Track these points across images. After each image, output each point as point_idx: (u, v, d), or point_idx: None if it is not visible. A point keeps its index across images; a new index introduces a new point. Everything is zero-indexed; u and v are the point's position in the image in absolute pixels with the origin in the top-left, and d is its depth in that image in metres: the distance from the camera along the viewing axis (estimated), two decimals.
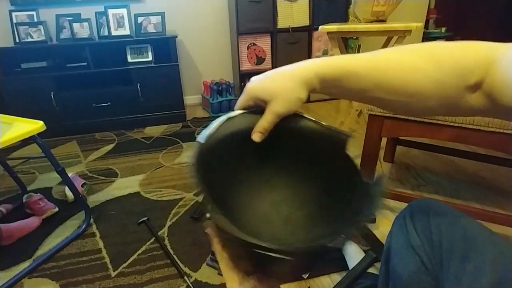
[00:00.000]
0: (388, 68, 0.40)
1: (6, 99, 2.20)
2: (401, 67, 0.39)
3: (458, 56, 0.37)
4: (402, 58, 0.40)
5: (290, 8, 2.58)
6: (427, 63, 0.38)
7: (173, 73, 2.40)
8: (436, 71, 0.37)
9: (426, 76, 0.38)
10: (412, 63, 0.39)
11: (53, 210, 1.42)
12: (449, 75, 0.37)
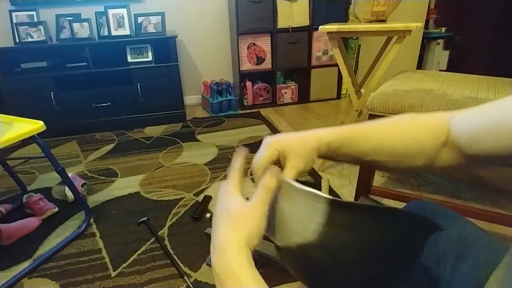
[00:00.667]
0: (382, 134, 0.48)
1: (6, 99, 2.20)
2: (393, 133, 0.48)
3: (431, 119, 0.47)
4: (392, 126, 0.49)
5: (290, 8, 2.58)
6: (412, 127, 0.47)
7: (173, 73, 2.41)
8: (419, 134, 0.46)
9: (413, 139, 0.46)
10: (401, 129, 0.48)
11: (53, 210, 1.42)
12: (428, 136, 0.45)
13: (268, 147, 0.46)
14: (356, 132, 0.49)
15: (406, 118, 0.49)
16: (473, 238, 0.52)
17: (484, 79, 1.18)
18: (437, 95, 1.01)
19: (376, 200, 1.31)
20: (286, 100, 2.89)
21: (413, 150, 0.46)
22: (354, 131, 0.49)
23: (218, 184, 1.61)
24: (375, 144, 0.48)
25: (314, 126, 2.35)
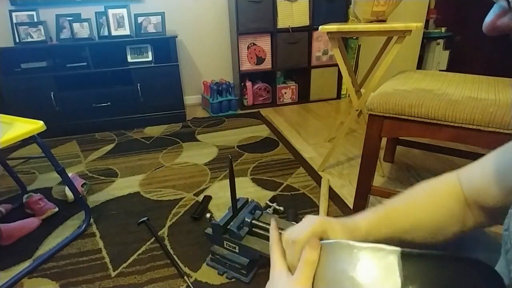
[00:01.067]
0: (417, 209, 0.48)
1: (6, 99, 2.20)
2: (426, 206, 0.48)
3: (445, 184, 0.48)
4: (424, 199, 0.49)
5: (290, 8, 2.58)
6: (437, 196, 0.48)
7: (173, 73, 2.41)
8: (447, 201, 0.46)
9: (444, 207, 0.46)
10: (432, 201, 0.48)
11: (53, 210, 1.42)
12: (454, 200, 0.45)
13: (316, 223, 0.45)
14: (392, 213, 0.49)
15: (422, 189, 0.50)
16: (473, 239, 0.52)
17: (484, 79, 1.18)
18: (437, 95, 1.01)
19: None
20: (286, 100, 2.89)
21: (446, 217, 0.45)
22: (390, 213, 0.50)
23: (218, 184, 1.61)
24: (413, 220, 0.47)
25: (314, 126, 2.35)
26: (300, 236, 0.43)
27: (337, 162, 1.78)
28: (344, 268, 0.35)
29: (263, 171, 1.71)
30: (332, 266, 0.36)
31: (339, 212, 1.34)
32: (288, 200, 1.44)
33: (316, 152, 1.92)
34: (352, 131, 2.18)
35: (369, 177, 1.23)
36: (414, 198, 0.49)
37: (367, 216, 0.50)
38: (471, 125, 0.93)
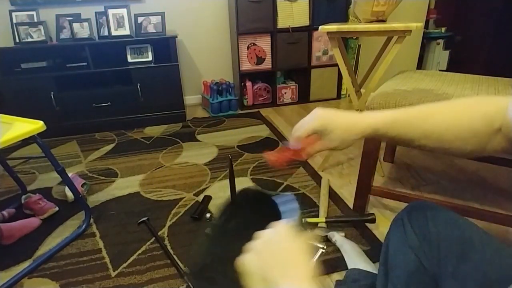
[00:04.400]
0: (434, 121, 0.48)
1: (6, 99, 2.20)
2: (445, 119, 0.48)
3: (484, 106, 0.46)
4: (445, 111, 0.49)
5: (290, 8, 2.58)
6: (463, 115, 0.47)
7: (173, 73, 2.41)
8: (471, 121, 0.46)
9: (465, 126, 0.46)
10: (453, 116, 0.47)
11: (53, 209, 1.42)
12: (481, 124, 0.45)
13: (316, 119, 0.54)
14: (407, 117, 0.50)
15: (461, 102, 0.48)
16: (474, 238, 0.52)
17: (484, 79, 1.18)
18: (437, 95, 1.01)
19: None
20: (286, 100, 2.89)
21: (464, 136, 0.46)
22: (405, 116, 0.50)
23: (218, 184, 1.61)
24: (425, 130, 0.48)
25: None
26: (301, 132, 0.53)
27: (337, 162, 1.78)
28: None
29: (263, 171, 1.71)
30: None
31: (339, 212, 1.34)
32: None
33: None
34: None
35: (369, 177, 1.23)
36: (441, 108, 0.49)
37: (384, 114, 0.51)
38: None
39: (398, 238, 0.63)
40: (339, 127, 0.52)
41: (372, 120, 0.51)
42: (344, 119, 0.53)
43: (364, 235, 1.19)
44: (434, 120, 0.48)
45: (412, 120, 0.49)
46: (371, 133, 0.51)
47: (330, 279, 1.02)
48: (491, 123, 0.44)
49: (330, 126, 0.53)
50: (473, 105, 0.47)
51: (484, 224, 0.91)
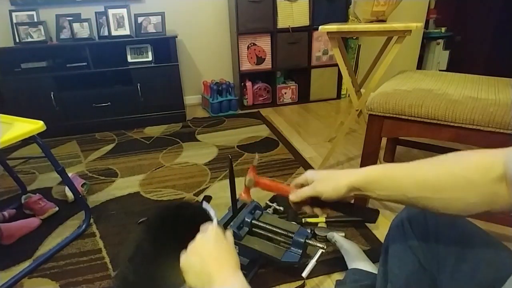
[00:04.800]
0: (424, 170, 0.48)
1: (6, 99, 2.20)
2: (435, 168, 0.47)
3: (478, 156, 0.44)
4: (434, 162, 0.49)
5: (290, 8, 2.58)
6: (455, 163, 0.46)
7: (173, 73, 2.41)
8: (464, 170, 0.44)
9: (457, 175, 0.44)
10: (444, 165, 0.47)
11: (53, 209, 1.42)
12: (475, 172, 0.43)
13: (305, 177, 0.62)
14: (394, 169, 0.51)
15: (449, 155, 0.48)
16: (473, 238, 0.52)
17: (484, 79, 1.18)
18: (437, 95, 1.01)
19: None
20: (286, 100, 2.89)
21: (461, 185, 0.43)
22: (391, 169, 0.51)
23: (218, 184, 1.61)
24: (417, 180, 0.47)
25: (314, 126, 2.35)
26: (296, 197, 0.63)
27: (337, 162, 1.78)
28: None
29: (263, 171, 1.71)
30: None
31: (339, 212, 1.34)
32: (288, 200, 1.43)
33: (316, 152, 1.92)
34: (352, 131, 2.18)
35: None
36: (430, 160, 0.49)
37: (362, 171, 0.52)
38: (471, 125, 0.93)
39: (398, 239, 0.63)
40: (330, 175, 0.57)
41: (362, 172, 0.53)
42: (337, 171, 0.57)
43: (364, 235, 1.19)
44: (425, 169, 0.48)
45: (400, 172, 0.50)
46: (363, 179, 0.52)
47: (330, 279, 1.02)
48: (487, 172, 0.41)
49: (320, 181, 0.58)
50: (464, 156, 0.46)
51: (484, 224, 0.90)
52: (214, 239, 0.50)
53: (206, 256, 0.48)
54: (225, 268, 0.47)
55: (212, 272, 0.46)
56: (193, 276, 0.48)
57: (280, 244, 0.98)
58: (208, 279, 0.45)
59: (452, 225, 0.55)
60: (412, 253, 0.58)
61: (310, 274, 0.94)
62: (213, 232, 0.52)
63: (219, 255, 0.48)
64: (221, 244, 0.50)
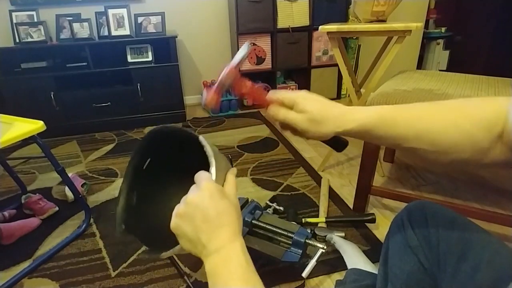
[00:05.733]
0: (429, 121, 0.43)
1: (6, 99, 2.20)
2: (440, 120, 0.43)
3: (483, 110, 0.41)
4: (438, 111, 0.44)
5: (290, 8, 2.58)
6: (461, 117, 0.42)
7: (173, 73, 2.40)
8: (468, 126, 0.41)
9: (461, 130, 0.41)
10: (449, 117, 0.43)
11: (53, 209, 1.42)
12: (478, 129, 0.40)
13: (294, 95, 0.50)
14: (399, 114, 0.45)
15: (457, 105, 0.44)
16: (474, 238, 0.52)
17: (484, 79, 1.18)
18: (437, 95, 1.01)
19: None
20: None
21: (461, 142, 0.41)
22: (396, 113, 0.45)
23: None
24: (418, 130, 0.43)
25: None
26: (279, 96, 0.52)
27: (337, 162, 1.78)
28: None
29: (263, 171, 1.71)
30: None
31: (339, 212, 1.34)
32: (288, 200, 1.44)
33: (316, 152, 1.92)
34: None
35: (369, 177, 1.23)
36: (437, 109, 0.44)
37: (372, 109, 0.46)
38: None
39: (398, 238, 0.63)
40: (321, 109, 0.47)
41: (360, 115, 0.46)
42: (330, 107, 0.48)
43: (364, 235, 1.19)
44: (429, 120, 0.43)
45: (404, 119, 0.44)
46: (356, 128, 0.46)
47: (330, 279, 1.02)
48: (490, 129, 0.40)
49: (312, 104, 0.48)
50: (472, 108, 0.43)
51: (484, 224, 0.90)
52: (209, 199, 0.42)
53: (199, 223, 0.41)
54: (222, 237, 0.40)
55: (206, 243, 0.40)
56: (186, 242, 0.42)
57: (280, 244, 0.98)
58: (202, 249, 0.40)
59: (453, 225, 0.55)
60: (412, 253, 0.58)
61: (310, 274, 0.94)
62: (208, 189, 0.43)
63: (215, 221, 0.41)
64: (217, 205, 0.42)
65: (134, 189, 0.62)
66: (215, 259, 0.40)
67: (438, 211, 0.60)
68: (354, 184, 1.35)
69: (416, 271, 0.57)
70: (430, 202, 0.64)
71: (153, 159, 0.64)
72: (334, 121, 0.46)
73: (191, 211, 0.41)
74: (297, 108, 0.48)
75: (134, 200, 0.61)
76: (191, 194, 0.43)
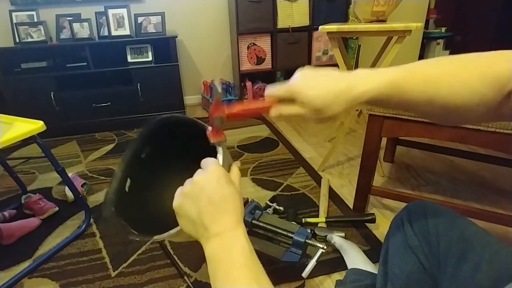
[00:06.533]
0: (437, 82, 0.41)
1: (6, 99, 2.20)
2: (449, 82, 0.41)
3: (496, 66, 0.39)
4: (448, 72, 0.41)
5: (290, 8, 2.58)
6: (471, 76, 0.39)
7: (173, 73, 2.41)
8: (480, 85, 0.39)
9: (472, 91, 0.39)
10: (459, 78, 0.40)
11: (54, 209, 1.42)
12: (491, 88, 0.38)
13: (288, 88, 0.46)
14: (410, 80, 0.42)
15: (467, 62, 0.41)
16: (474, 238, 0.52)
17: None
18: None
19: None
20: None
21: (473, 103, 0.40)
22: (406, 78, 0.42)
23: None
24: (429, 96, 0.41)
25: (314, 126, 2.35)
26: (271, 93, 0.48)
27: (337, 162, 1.78)
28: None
29: (263, 171, 1.71)
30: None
31: (339, 212, 1.34)
32: (288, 200, 1.44)
33: (316, 152, 1.92)
34: (352, 131, 2.18)
35: (369, 177, 1.23)
36: (449, 68, 0.42)
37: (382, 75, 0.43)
38: (471, 125, 0.93)
39: (398, 238, 0.63)
40: (323, 94, 0.44)
41: (367, 86, 0.43)
42: (332, 86, 0.44)
43: (364, 235, 1.19)
44: (440, 83, 0.41)
45: (414, 85, 0.42)
46: (365, 101, 0.43)
47: (330, 279, 1.02)
48: (501, 88, 0.37)
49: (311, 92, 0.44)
50: (483, 65, 0.40)
51: (484, 224, 0.90)
52: (216, 183, 0.41)
53: (204, 205, 0.40)
54: (225, 222, 0.39)
55: (208, 225, 0.39)
56: (187, 223, 0.41)
57: (280, 244, 0.98)
58: (204, 232, 0.39)
59: (453, 225, 0.55)
60: (412, 253, 0.58)
61: (310, 274, 0.94)
62: (215, 173, 0.42)
63: (220, 205, 0.40)
64: (223, 190, 0.41)
65: (128, 175, 0.61)
66: (217, 243, 0.39)
67: (438, 211, 0.60)
68: (354, 184, 1.35)
69: (416, 271, 0.57)
70: (430, 202, 0.64)
71: (153, 148, 0.63)
72: (340, 100, 0.43)
73: (197, 192, 0.41)
74: (297, 102, 0.45)
75: (126, 186, 0.60)
76: (198, 175, 0.42)
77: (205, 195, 0.40)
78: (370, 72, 0.44)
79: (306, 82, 0.45)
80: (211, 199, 0.40)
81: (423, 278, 0.56)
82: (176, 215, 0.43)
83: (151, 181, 0.65)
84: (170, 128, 0.60)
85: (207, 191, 0.40)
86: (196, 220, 0.40)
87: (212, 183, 0.41)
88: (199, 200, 0.40)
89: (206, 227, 0.39)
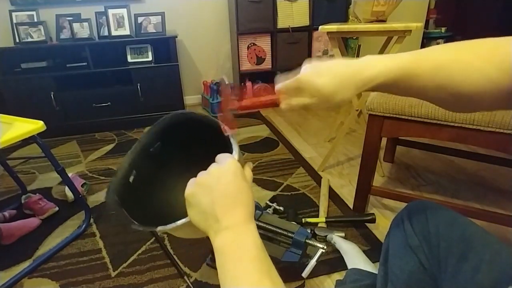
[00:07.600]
0: (450, 69, 0.40)
1: (6, 99, 2.20)
2: (463, 69, 0.40)
3: (502, 51, 0.38)
4: (461, 58, 0.40)
5: (290, 8, 2.58)
6: (485, 63, 0.38)
7: (173, 73, 2.41)
8: (494, 71, 0.38)
9: (486, 78, 0.38)
10: (472, 64, 0.39)
11: (54, 209, 1.42)
12: (505, 74, 0.37)
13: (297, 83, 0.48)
14: (417, 65, 0.41)
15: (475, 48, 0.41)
16: (474, 238, 0.52)
17: None
18: None
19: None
20: None
21: (484, 89, 0.38)
22: (416, 64, 0.42)
23: None
24: (438, 83, 0.41)
25: (314, 126, 2.35)
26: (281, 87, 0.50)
27: (337, 162, 1.78)
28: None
29: (263, 171, 1.71)
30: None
31: (339, 212, 1.34)
32: (288, 200, 1.44)
33: (316, 152, 1.92)
34: (352, 131, 2.18)
35: (369, 177, 1.23)
36: (455, 55, 0.41)
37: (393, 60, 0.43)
38: (471, 125, 0.93)
39: (398, 238, 0.63)
40: (331, 79, 0.45)
41: (380, 68, 0.42)
42: (340, 72, 0.45)
43: (364, 235, 1.19)
44: (450, 69, 0.40)
45: (424, 71, 0.41)
46: (373, 88, 0.43)
47: (330, 279, 1.02)
48: (509, 72, 0.37)
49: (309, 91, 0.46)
50: (491, 50, 0.39)
51: (484, 224, 0.90)
52: (232, 176, 0.40)
53: (218, 196, 0.39)
54: (238, 216, 0.39)
55: (220, 217, 0.38)
56: (197, 213, 0.41)
57: (280, 244, 0.98)
58: (214, 223, 0.38)
59: (453, 225, 0.55)
60: (412, 253, 0.58)
61: (310, 274, 0.94)
62: (232, 166, 0.41)
63: (235, 198, 0.39)
64: (239, 184, 0.40)
65: (135, 167, 0.61)
66: (228, 236, 0.38)
67: (438, 211, 0.60)
68: (354, 184, 1.35)
69: (416, 271, 0.57)
70: (430, 202, 0.64)
71: (162, 144, 0.63)
72: (349, 85, 0.44)
73: (213, 182, 0.40)
74: (306, 92, 0.47)
75: (131, 178, 0.60)
76: (215, 166, 0.42)
77: (220, 187, 0.40)
78: (379, 57, 0.44)
79: (314, 70, 0.47)
80: (226, 192, 0.40)
81: (424, 278, 0.56)
82: (187, 203, 0.42)
83: (155, 177, 0.65)
84: (182, 125, 0.61)
85: (223, 183, 0.40)
86: (208, 210, 0.39)
87: (229, 176, 0.41)
88: (214, 191, 0.40)
89: (217, 218, 0.39)
